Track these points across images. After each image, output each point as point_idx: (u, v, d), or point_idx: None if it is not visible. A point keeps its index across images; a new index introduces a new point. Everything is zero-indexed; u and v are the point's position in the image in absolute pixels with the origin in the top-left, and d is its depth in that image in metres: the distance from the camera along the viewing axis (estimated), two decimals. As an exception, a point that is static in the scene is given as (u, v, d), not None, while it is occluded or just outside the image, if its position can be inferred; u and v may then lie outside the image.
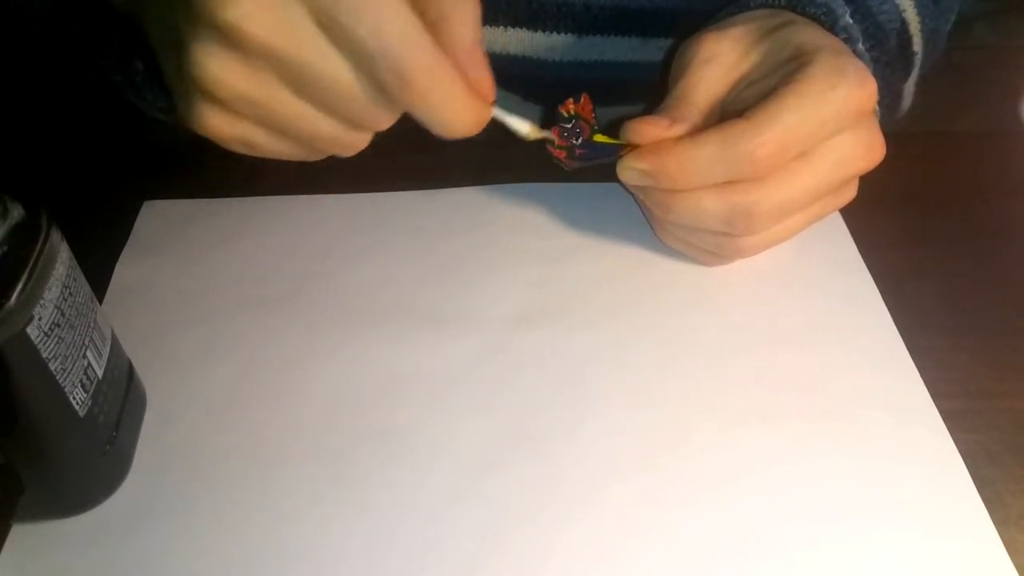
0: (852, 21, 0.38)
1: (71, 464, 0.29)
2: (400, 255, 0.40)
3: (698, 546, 0.29)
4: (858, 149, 0.33)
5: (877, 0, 0.40)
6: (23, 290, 0.24)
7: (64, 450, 0.28)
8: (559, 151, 0.36)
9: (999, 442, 0.32)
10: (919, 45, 0.42)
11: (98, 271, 0.38)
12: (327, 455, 0.32)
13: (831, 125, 0.32)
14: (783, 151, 0.32)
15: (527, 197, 0.43)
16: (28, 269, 0.25)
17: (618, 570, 0.28)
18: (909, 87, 0.43)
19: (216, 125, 0.29)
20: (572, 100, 0.35)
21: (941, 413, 0.33)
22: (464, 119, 0.28)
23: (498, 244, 0.41)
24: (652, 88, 0.41)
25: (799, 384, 0.34)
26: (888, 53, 0.40)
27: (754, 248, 0.36)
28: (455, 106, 0.28)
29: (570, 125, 0.35)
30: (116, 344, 0.31)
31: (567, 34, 0.47)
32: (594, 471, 0.31)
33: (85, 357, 0.28)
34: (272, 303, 0.38)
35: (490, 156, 0.45)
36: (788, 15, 0.37)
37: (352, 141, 0.31)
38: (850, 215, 0.41)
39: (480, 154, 0.45)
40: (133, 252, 0.41)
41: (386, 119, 0.29)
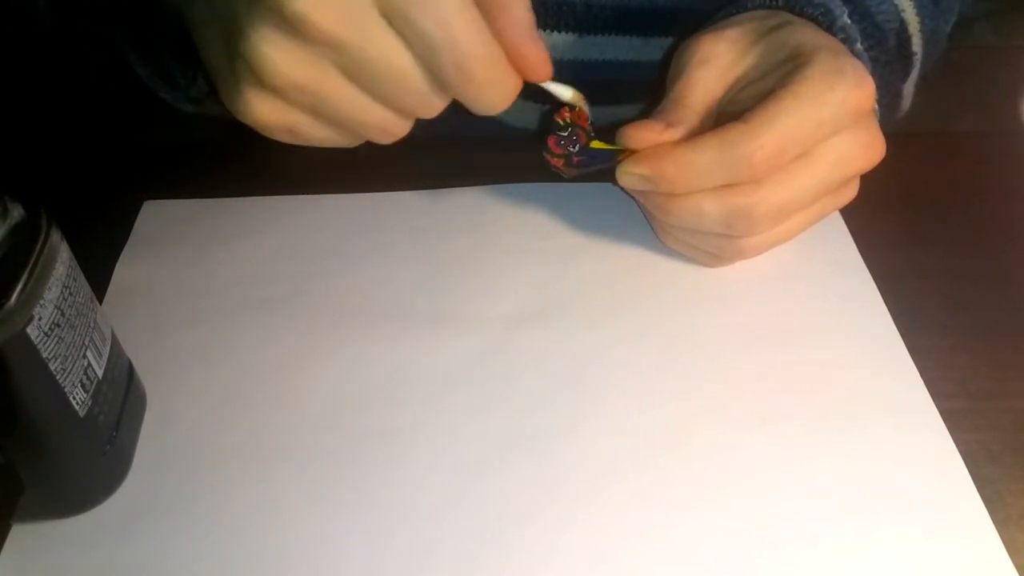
0: (850, 21, 0.38)
1: (71, 464, 0.29)
2: (400, 255, 0.40)
3: (698, 546, 0.29)
4: (857, 149, 0.33)
5: (875, 0, 0.40)
6: (23, 290, 0.24)
7: (64, 450, 0.28)
8: (556, 160, 0.35)
9: (999, 442, 0.32)
10: (918, 45, 0.42)
11: (98, 271, 0.38)
12: (327, 455, 0.32)
13: (829, 126, 0.32)
14: (782, 153, 0.32)
15: (527, 197, 0.43)
16: (28, 269, 0.25)
17: (618, 570, 0.28)
18: (909, 87, 0.43)
19: (265, 113, 0.29)
20: (567, 108, 0.35)
21: (941, 413, 0.33)
22: (506, 101, 0.30)
23: (498, 244, 0.41)
24: (653, 88, 0.41)
25: (799, 384, 0.34)
26: (887, 53, 0.40)
27: (755, 249, 0.36)
28: (503, 90, 0.29)
29: (566, 133, 0.35)
30: (116, 344, 0.31)
31: (568, 33, 0.47)
32: (594, 471, 0.31)
33: (85, 357, 0.28)
34: (272, 303, 0.38)
35: (490, 156, 0.45)
36: (785, 15, 0.37)
37: (399, 128, 0.31)
38: (850, 215, 0.41)
39: (480, 154, 0.45)
40: (133, 252, 0.41)
41: (438, 106, 0.30)
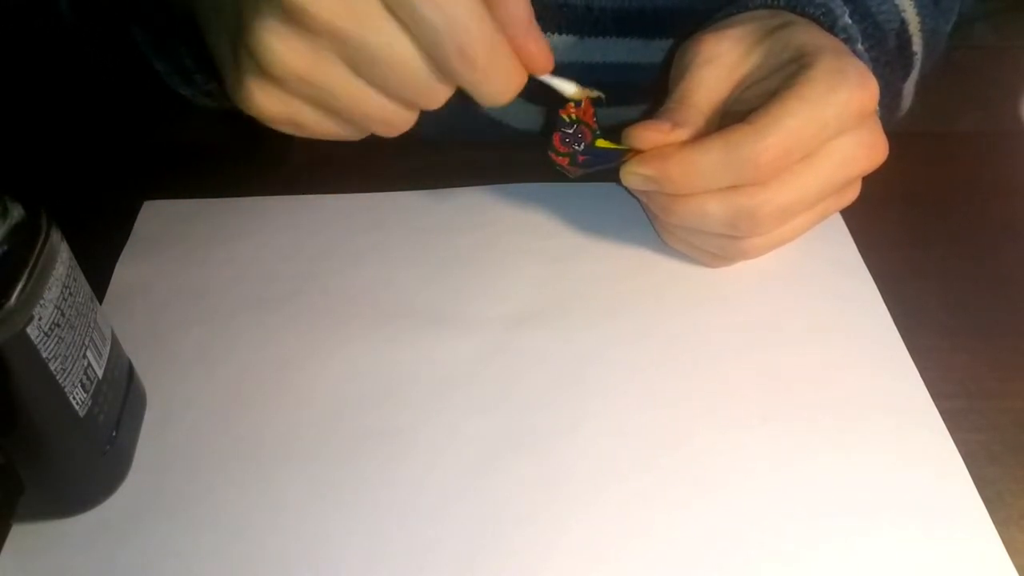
0: (851, 21, 0.38)
1: (71, 464, 0.29)
2: (400, 255, 0.40)
3: (698, 546, 0.29)
4: (860, 150, 0.33)
5: (876, 0, 0.40)
6: (23, 290, 0.24)
7: (64, 450, 0.28)
8: (562, 158, 0.35)
9: (1000, 442, 0.32)
10: (919, 45, 0.42)
11: (98, 271, 0.38)
12: (327, 455, 0.32)
13: (833, 127, 0.32)
14: (787, 155, 0.32)
15: (528, 197, 0.43)
16: (28, 269, 0.25)
17: (618, 570, 0.28)
18: (909, 87, 0.43)
19: (268, 104, 0.29)
20: (573, 104, 0.34)
21: (941, 413, 0.33)
22: (511, 90, 0.30)
23: (499, 244, 0.41)
24: (654, 90, 0.41)
25: (799, 384, 0.34)
26: (887, 53, 0.40)
27: (758, 250, 0.36)
28: (507, 79, 0.29)
29: (571, 131, 0.35)
30: (116, 344, 0.31)
31: (568, 35, 0.47)
32: (594, 471, 0.31)
33: (85, 357, 0.28)
34: (272, 303, 0.38)
35: (490, 156, 0.45)
36: (787, 15, 0.37)
37: (403, 120, 0.31)
38: (850, 215, 0.41)
39: (480, 154, 0.45)
40: (133, 252, 0.41)
41: (442, 96, 0.30)
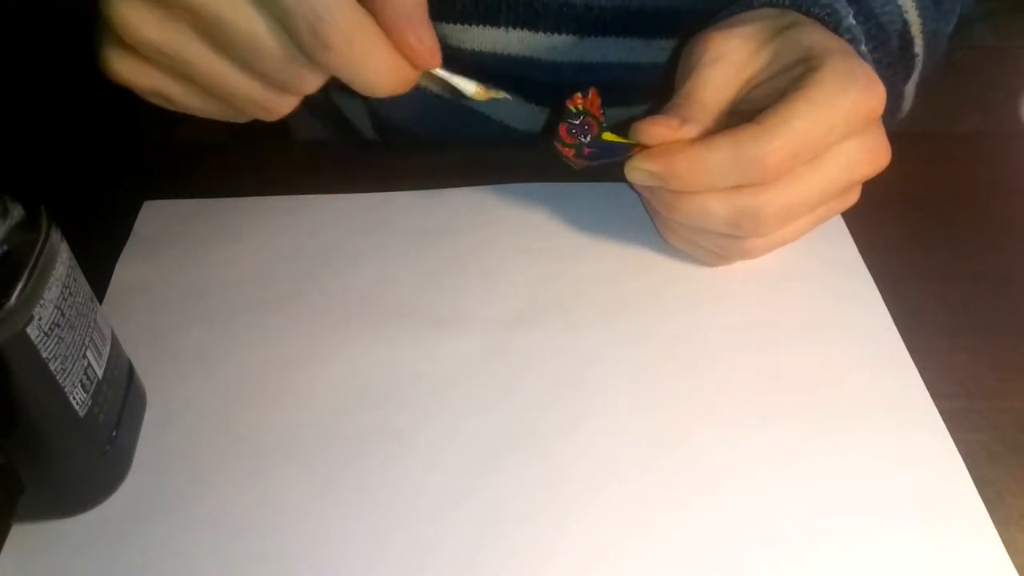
0: (855, 22, 0.38)
1: (71, 464, 0.29)
2: (400, 255, 0.40)
3: (698, 546, 0.29)
4: (864, 154, 0.33)
5: (880, 1, 0.40)
6: (23, 290, 0.24)
7: (64, 450, 0.28)
8: (567, 149, 0.35)
9: (1000, 442, 0.32)
10: (920, 47, 0.42)
11: (98, 271, 0.38)
12: (327, 455, 0.32)
13: (840, 130, 0.32)
14: (794, 157, 0.32)
15: (528, 197, 0.43)
16: (28, 269, 0.25)
17: (618, 570, 0.28)
18: (910, 89, 0.43)
19: (127, 73, 0.29)
20: (580, 95, 0.34)
21: (941, 413, 0.33)
22: (387, 80, 0.28)
23: (499, 244, 0.41)
24: (655, 90, 0.41)
25: (800, 384, 0.34)
26: (890, 54, 0.40)
27: (759, 250, 0.36)
28: (377, 67, 0.27)
29: (578, 122, 0.34)
30: (116, 344, 0.31)
31: (569, 35, 0.47)
32: (594, 471, 0.31)
33: (85, 357, 0.28)
34: (272, 303, 0.38)
35: (490, 156, 0.45)
36: (794, 15, 0.37)
37: (277, 104, 0.30)
38: (851, 216, 0.41)
39: (480, 154, 0.45)
40: (133, 252, 0.40)
41: (309, 81, 0.29)
